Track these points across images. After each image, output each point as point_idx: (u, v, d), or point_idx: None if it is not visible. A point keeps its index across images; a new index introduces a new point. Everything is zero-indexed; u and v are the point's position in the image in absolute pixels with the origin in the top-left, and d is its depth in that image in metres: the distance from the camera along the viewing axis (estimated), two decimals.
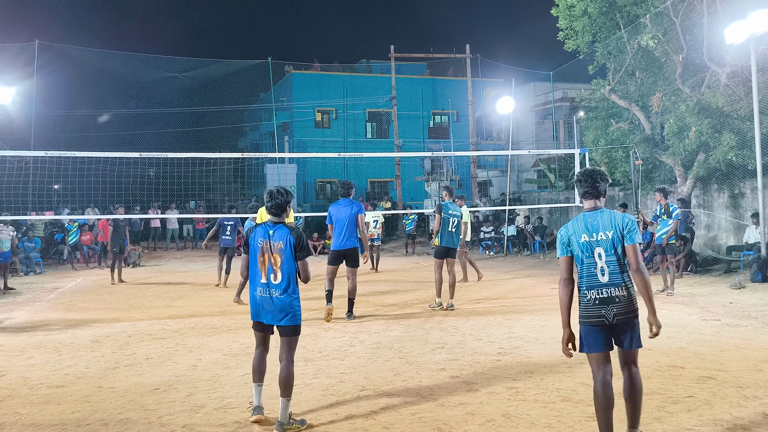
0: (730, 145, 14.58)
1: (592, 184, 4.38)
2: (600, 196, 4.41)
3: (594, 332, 4.27)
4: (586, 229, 4.31)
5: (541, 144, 33.17)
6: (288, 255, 5.06)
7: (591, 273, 4.27)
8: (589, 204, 4.42)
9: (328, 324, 9.32)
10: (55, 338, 8.71)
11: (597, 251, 4.25)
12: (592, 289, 4.26)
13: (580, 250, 4.31)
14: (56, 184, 24.76)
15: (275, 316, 5.08)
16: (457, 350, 7.48)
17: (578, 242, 4.31)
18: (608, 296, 4.22)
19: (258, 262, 5.12)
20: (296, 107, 34.22)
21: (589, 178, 4.39)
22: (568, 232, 4.37)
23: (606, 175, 4.48)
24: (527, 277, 15.19)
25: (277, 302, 5.05)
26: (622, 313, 4.21)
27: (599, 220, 4.30)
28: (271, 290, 5.06)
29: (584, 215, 4.38)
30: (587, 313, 4.30)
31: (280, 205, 5.19)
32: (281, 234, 5.10)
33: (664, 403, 5.35)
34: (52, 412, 5.53)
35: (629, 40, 17.08)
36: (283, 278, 5.04)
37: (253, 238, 5.17)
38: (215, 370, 6.81)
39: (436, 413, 5.27)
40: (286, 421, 4.96)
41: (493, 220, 23.81)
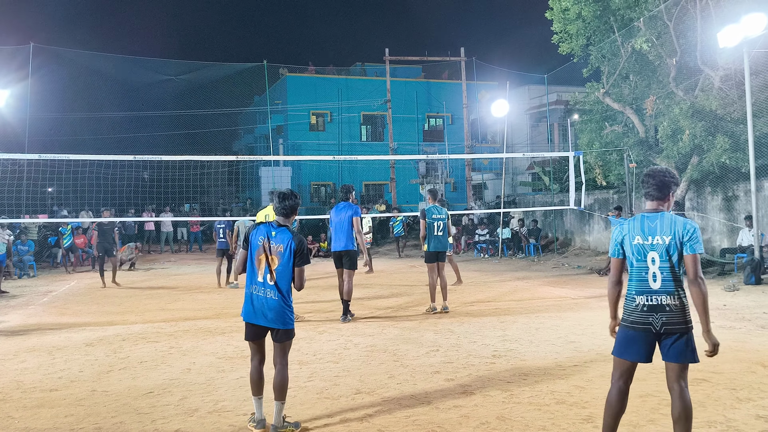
0: (724, 148, 14.62)
1: (656, 185, 4.15)
2: (664, 198, 4.16)
3: (635, 338, 4.08)
4: (641, 231, 4.11)
5: (535, 147, 33.23)
6: (286, 259, 5.00)
7: (642, 277, 4.08)
8: (650, 205, 4.20)
9: (322, 327, 9.33)
10: (49, 341, 8.68)
11: (651, 256, 4.06)
12: (641, 294, 4.07)
13: (632, 252, 4.14)
14: (50, 187, 24.70)
15: (269, 318, 5.01)
16: (452, 353, 7.48)
17: (631, 244, 4.14)
18: (658, 304, 4.02)
19: (256, 260, 5.07)
20: (291, 110, 34.22)
21: (653, 178, 4.16)
22: (622, 232, 4.21)
23: (677, 178, 4.21)
24: (521, 279, 15.21)
25: (271, 303, 5.00)
26: (671, 323, 3.99)
27: (657, 224, 4.08)
28: (266, 290, 5.02)
29: (643, 216, 4.17)
30: (632, 317, 4.10)
31: (292, 207, 5.16)
32: (283, 237, 5.04)
33: (659, 405, 5.36)
34: (46, 415, 5.51)
35: (623, 43, 17.13)
36: (277, 281, 5.00)
37: (254, 236, 5.11)
38: (209, 373, 6.79)
39: (430, 416, 5.27)
40: (281, 424, 4.97)
41: (487, 223, 23.83)
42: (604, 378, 6.20)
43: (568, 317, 9.74)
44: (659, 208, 4.17)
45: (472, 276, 16.25)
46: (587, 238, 21.79)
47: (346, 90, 35.21)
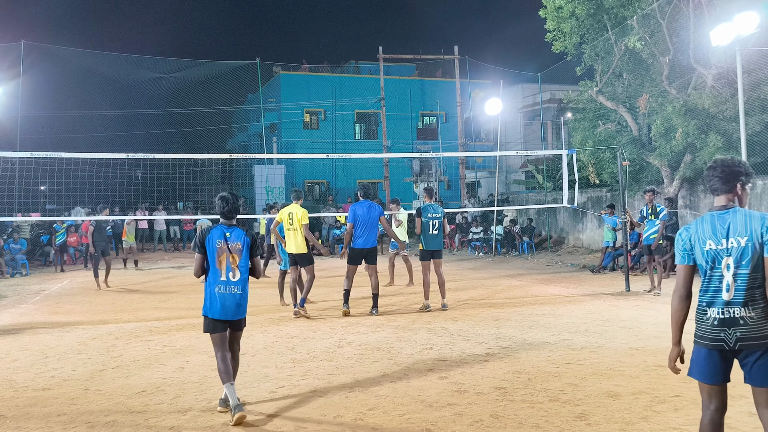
0: (716, 146, 14.68)
1: (720, 177, 3.56)
2: (732, 191, 3.55)
3: (708, 357, 3.58)
4: (713, 233, 3.52)
5: (529, 145, 33.25)
6: (245, 254, 5.50)
7: (714, 287, 3.54)
8: (717, 201, 3.60)
9: (316, 325, 9.33)
10: (41, 340, 8.65)
11: (726, 262, 3.49)
12: (712, 306, 3.55)
13: (704, 259, 3.55)
14: (43, 185, 24.58)
15: (234, 312, 5.47)
16: (446, 351, 7.48)
17: (703, 249, 3.55)
18: (731, 317, 3.47)
19: (217, 261, 5.45)
20: (284, 108, 34.15)
21: (715, 169, 3.58)
22: (690, 236, 3.62)
23: (746, 166, 3.60)
24: (515, 277, 15.23)
25: (236, 297, 5.46)
26: (748, 338, 3.44)
27: (731, 223, 3.49)
28: (230, 287, 5.44)
29: (711, 215, 3.58)
30: (703, 333, 3.60)
31: (236, 208, 5.59)
32: (238, 235, 5.52)
33: (651, 403, 5.38)
34: (38, 414, 5.49)
35: (617, 41, 17.17)
36: (241, 276, 5.48)
37: (210, 240, 5.47)
38: (202, 372, 6.78)
39: (424, 414, 5.27)
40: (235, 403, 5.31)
41: (480, 221, 23.86)
42: (597, 376, 6.22)
43: (562, 315, 9.76)
44: (728, 203, 3.57)
45: (466, 274, 16.28)
46: (580, 236, 21.84)
47: (339, 88, 35.17)
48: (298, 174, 33.85)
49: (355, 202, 10.47)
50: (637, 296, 11.63)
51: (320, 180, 34.81)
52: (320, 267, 16.92)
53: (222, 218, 5.59)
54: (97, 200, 19.75)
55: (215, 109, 31.23)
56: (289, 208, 10.28)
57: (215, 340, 5.46)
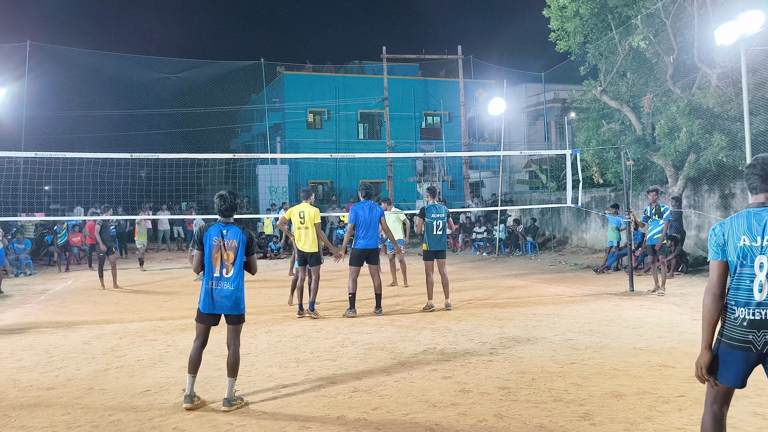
0: (721, 146, 14.64)
1: (761, 175, 3.48)
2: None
3: (733, 358, 3.45)
4: (749, 229, 3.43)
5: (532, 145, 33.25)
6: (240, 252, 5.63)
7: (746, 286, 3.42)
8: (756, 199, 3.52)
9: (320, 325, 9.33)
10: (46, 340, 8.67)
11: (759, 260, 3.38)
12: (742, 306, 3.42)
13: (736, 255, 3.45)
14: (47, 185, 24.64)
15: (226, 307, 5.62)
16: (449, 351, 7.48)
17: (736, 245, 3.45)
18: (762, 318, 3.36)
19: (212, 258, 5.63)
20: (288, 108, 34.17)
21: (755, 167, 3.50)
22: (724, 231, 3.53)
23: None
24: (519, 277, 15.21)
25: (228, 293, 5.61)
26: None
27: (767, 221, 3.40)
28: (222, 282, 5.62)
29: (749, 212, 3.48)
30: (730, 333, 3.47)
31: (233, 207, 5.73)
32: (234, 233, 5.65)
33: (655, 403, 5.37)
34: (42, 414, 5.50)
35: (620, 41, 17.13)
36: (234, 272, 5.62)
37: (207, 237, 5.66)
38: (206, 371, 6.77)
39: (428, 414, 5.27)
40: (232, 397, 5.60)
41: (484, 221, 23.84)
42: (601, 375, 6.22)
43: (565, 315, 9.75)
44: (767, 201, 3.49)
45: (470, 274, 16.27)
46: (584, 235, 21.81)
47: (343, 88, 35.17)
48: (301, 174, 33.87)
49: (356, 203, 10.47)
50: (641, 296, 11.61)
51: (324, 180, 34.81)
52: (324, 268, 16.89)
53: (220, 216, 5.73)
54: (101, 200, 19.75)
55: (219, 109, 31.27)
56: (300, 207, 10.25)
57: (197, 330, 5.75)
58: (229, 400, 5.55)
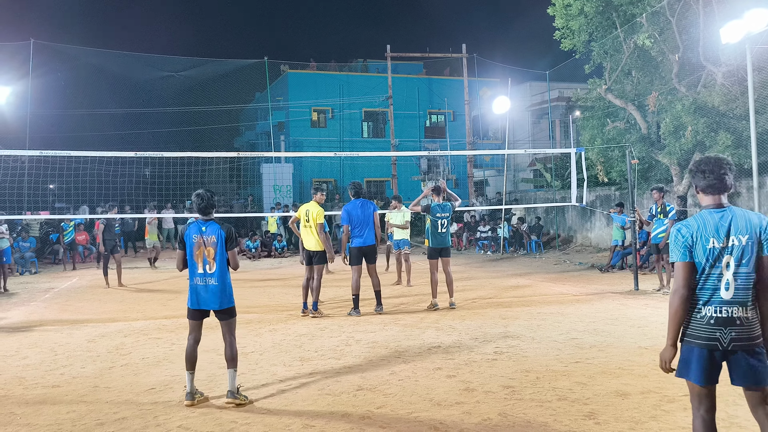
0: (726, 145, 14.60)
1: (720, 176, 3.58)
2: (727, 190, 3.62)
3: (700, 357, 3.52)
4: (716, 231, 3.52)
5: (537, 143, 33.19)
6: (220, 247, 5.74)
7: (713, 285, 3.51)
8: (714, 200, 3.61)
9: (324, 323, 9.34)
10: (51, 338, 8.69)
11: (726, 260, 3.49)
12: (709, 304, 3.51)
13: (704, 256, 3.51)
14: (52, 183, 24.70)
15: (212, 302, 5.75)
16: (453, 349, 7.48)
17: (705, 247, 3.51)
18: (728, 316, 3.46)
19: (194, 255, 5.77)
20: (292, 107, 34.17)
21: (716, 167, 3.58)
22: (692, 233, 3.55)
23: (733, 164, 3.68)
24: (523, 276, 15.19)
25: (213, 288, 5.72)
26: (742, 338, 3.46)
27: (731, 221, 3.53)
28: (207, 279, 5.74)
29: (710, 213, 3.57)
30: (697, 332, 3.54)
31: (210, 205, 5.85)
32: (213, 229, 5.77)
33: (660, 402, 5.36)
34: (48, 412, 5.52)
35: (625, 39, 17.10)
36: (216, 267, 5.72)
37: (188, 236, 5.81)
38: (210, 369, 6.79)
39: (432, 412, 5.27)
40: (236, 389, 5.66)
41: (488, 220, 23.83)
42: (606, 375, 6.20)
43: (570, 314, 9.74)
44: (723, 202, 3.61)
45: (474, 273, 16.26)
46: (589, 234, 21.78)
47: (347, 86, 35.16)
48: (305, 172, 33.88)
49: (347, 203, 10.38)
50: (646, 295, 11.59)
51: (328, 178, 34.81)
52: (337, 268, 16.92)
53: (199, 214, 5.87)
54: (105, 198, 19.81)
55: (223, 107, 31.30)
56: (307, 205, 10.28)
57: (190, 326, 5.90)
58: (233, 392, 5.62)
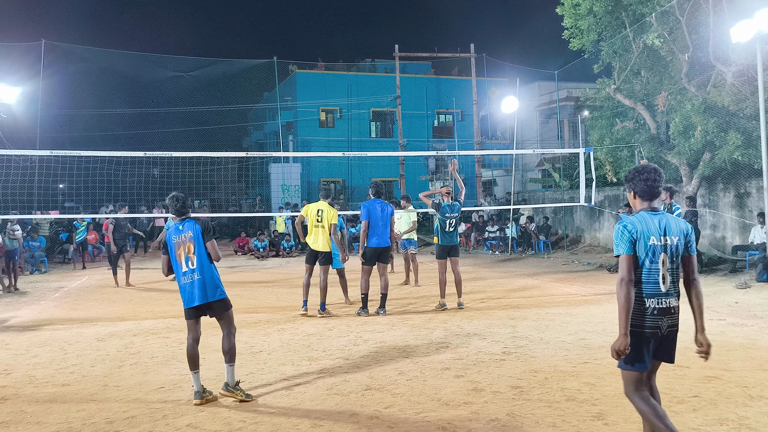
0: (736, 145, 14.52)
1: (655, 184, 4.01)
2: (658, 196, 4.07)
3: (645, 345, 3.92)
4: (656, 230, 3.92)
5: (545, 143, 33.10)
6: (198, 241, 5.82)
7: (654, 280, 3.90)
8: (649, 205, 4.04)
9: (332, 323, 9.34)
10: (61, 337, 8.74)
11: (662, 257, 3.91)
12: (652, 297, 3.90)
13: (645, 252, 3.90)
14: (61, 183, 24.82)
15: (201, 296, 5.79)
16: (462, 349, 7.47)
17: (646, 244, 3.90)
18: (666, 306, 3.91)
19: (176, 255, 5.87)
20: (301, 106, 34.24)
21: (651, 176, 4.01)
22: (636, 230, 3.92)
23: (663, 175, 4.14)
24: (531, 276, 15.17)
25: (199, 283, 5.79)
26: (673, 324, 3.96)
27: (667, 223, 3.95)
28: (192, 274, 5.82)
29: (649, 215, 3.98)
30: (641, 322, 3.91)
31: (185, 205, 6.00)
32: (189, 226, 5.90)
33: (670, 403, 5.34)
34: (58, 410, 5.55)
35: (635, 38, 17.03)
36: (197, 262, 5.80)
37: (169, 238, 5.95)
38: (219, 369, 6.78)
39: (440, 412, 5.27)
40: (233, 383, 5.76)
41: (496, 220, 23.79)
42: (615, 375, 6.17)
43: (578, 314, 9.71)
44: (656, 206, 4.05)
45: (482, 273, 16.24)
46: (597, 234, 21.71)
47: (355, 86, 35.18)
48: (314, 172, 33.93)
49: (367, 201, 10.31)
50: None
51: (336, 178, 34.85)
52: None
53: (175, 215, 6.01)
54: (115, 198, 19.91)
55: (232, 107, 31.38)
56: (317, 205, 10.17)
57: (188, 326, 5.96)
58: (228, 384, 5.74)
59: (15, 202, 18.33)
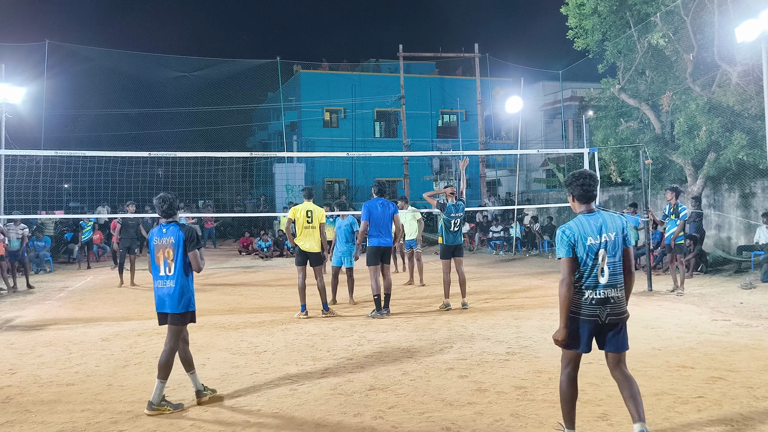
0: (741, 145, 14.49)
1: (592, 188, 4.50)
2: (594, 199, 4.55)
3: (583, 330, 4.37)
4: (592, 231, 4.36)
5: (550, 143, 33.07)
6: (179, 249, 5.65)
7: (592, 274, 4.34)
8: (587, 207, 4.50)
9: (336, 323, 9.35)
10: (65, 336, 8.76)
11: (600, 253, 4.34)
12: (590, 289, 4.34)
13: (585, 252, 4.34)
14: (66, 183, 24.89)
15: (169, 304, 5.65)
16: (466, 350, 7.46)
17: (584, 244, 4.34)
18: (605, 297, 4.32)
19: (156, 258, 5.72)
20: (305, 106, 34.26)
21: (588, 181, 4.47)
22: (574, 233, 4.37)
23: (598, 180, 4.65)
24: (535, 276, 15.15)
25: (170, 291, 5.64)
26: (614, 313, 4.35)
27: (602, 222, 4.40)
28: (166, 281, 5.67)
29: (586, 217, 4.44)
30: (581, 310, 4.37)
31: (172, 206, 5.83)
32: (172, 231, 5.71)
33: (674, 404, 5.33)
34: (62, 410, 5.56)
35: (639, 38, 17.00)
36: (175, 270, 5.65)
37: (151, 239, 5.79)
38: (223, 368, 6.82)
39: (444, 413, 5.27)
40: (157, 402, 5.45)
41: (501, 220, 23.78)
42: None
43: None
44: (593, 208, 4.50)
45: (486, 273, 16.23)
46: None
47: (359, 86, 35.20)
48: (317, 172, 33.96)
49: (368, 200, 10.26)
50: (660, 296, 11.52)
51: (340, 178, 34.88)
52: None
53: (161, 217, 5.85)
54: (120, 198, 19.95)
55: (236, 107, 31.41)
56: (305, 206, 10.14)
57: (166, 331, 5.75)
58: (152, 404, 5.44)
59: (20, 202, 18.39)
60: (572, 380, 4.50)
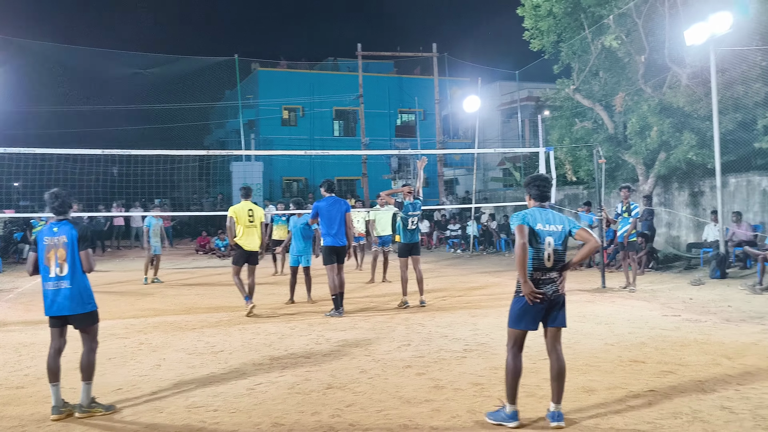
0: (691, 145, 14.87)
1: (549, 189, 5.21)
2: (548, 200, 5.20)
3: (532, 308, 4.93)
4: (542, 219, 4.99)
5: (506, 143, 33.43)
6: (72, 248, 5.41)
7: (539, 257, 4.94)
8: (540, 204, 5.13)
9: (294, 322, 9.31)
10: (14, 338, 8.53)
11: (548, 240, 4.95)
12: (538, 270, 4.94)
13: (536, 235, 4.95)
14: (16, 181, 24.19)
15: (68, 306, 5.43)
16: (423, 347, 7.51)
17: (535, 229, 4.95)
18: (549, 278, 4.95)
19: (45, 258, 5.43)
20: (263, 105, 33.97)
21: (547, 183, 5.20)
22: (527, 216, 5.00)
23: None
24: (492, 274, 15.31)
25: (66, 292, 5.40)
26: (557, 291, 4.98)
27: (551, 216, 5.06)
28: (59, 282, 5.41)
29: (538, 210, 5.08)
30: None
31: (65, 203, 5.54)
32: (65, 229, 5.44)
33: (626, 398, 5.44)
34: (12, 413, 5.43)
35: (593, 40, 17.31)
36: (68, 270, 5.40)
37: (40, 238, 5.49)
38: (179, 369, 6.73)
39: (401, 410, 5.29)
40: (87, 404, 5.34)
41: (458, 219, 23.95)
42: (573, 371, 6.27)
43: None
44: (545, 205, 5.13)
45: (444, 271, 16.33)
46: None
47: (318, 85, 35.05)
48: (276, 171, 33.70)
49: (319, 200, 10.20)
50: (613, 292, 11.75)
51: (299, 177, 34.68)
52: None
53: (53, 214, 5.55)
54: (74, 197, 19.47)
55: (193, 105, 30.97)
56: (245, 206, 10.19)
57: (51, 334, 5.58)
58: (81, 407, 5.34)
59: None
60: (518, 358, 5.04)
